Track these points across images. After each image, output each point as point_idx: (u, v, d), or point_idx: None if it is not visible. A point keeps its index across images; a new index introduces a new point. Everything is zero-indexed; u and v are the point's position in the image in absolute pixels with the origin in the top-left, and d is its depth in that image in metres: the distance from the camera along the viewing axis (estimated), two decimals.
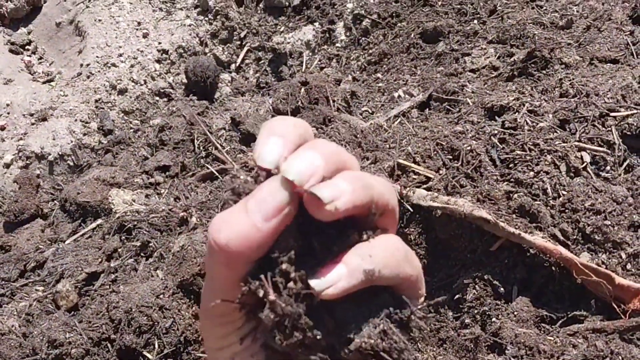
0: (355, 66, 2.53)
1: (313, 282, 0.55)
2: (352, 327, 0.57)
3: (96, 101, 2.57)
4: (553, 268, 1.46)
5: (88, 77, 2.64)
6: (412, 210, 1.57)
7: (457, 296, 1.54)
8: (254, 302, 0.58)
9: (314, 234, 0.58)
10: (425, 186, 1.65)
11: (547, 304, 1.46)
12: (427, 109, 2.04)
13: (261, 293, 0.56)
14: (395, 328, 0.58)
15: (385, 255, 0.58)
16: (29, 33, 2.88)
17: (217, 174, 2.09)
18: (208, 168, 2.15)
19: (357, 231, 0.59)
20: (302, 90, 2.25)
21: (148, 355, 1.65)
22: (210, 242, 0.56)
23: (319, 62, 2.62)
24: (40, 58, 2.83)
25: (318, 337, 0.56)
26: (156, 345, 1.65)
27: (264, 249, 0.56)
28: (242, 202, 0.57)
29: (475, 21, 2.33)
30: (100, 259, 1.94)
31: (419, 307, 0.62)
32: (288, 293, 0.55)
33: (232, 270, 0.57)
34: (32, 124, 2.53)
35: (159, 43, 2.73)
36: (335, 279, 0.55)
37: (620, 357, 1.33)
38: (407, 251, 0.61)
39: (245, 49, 2.73)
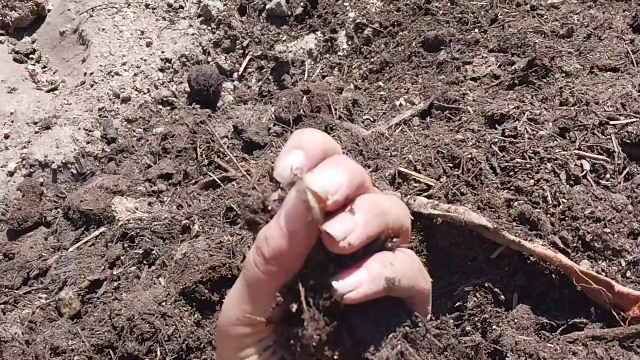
0: (357, 75, 2.54)
1: (336, 284, 0.55)
2: (369, 347, 0.57)
3: (99, 110, 2.59)
4: (553, 275, 1.46)
5: (92, 85, 2.66)
6: (412, 218, 1.58)
7: (457, 304, 1.54)
8: (280, 316, 0.59)
9: None
10: (426, 194, 1.66)
11: (547, 311, 1.46)
12: (429, 117, 2.05)
13: (294, 308, 0.57)
14: (412, 347, 0.58)
15: (404, 265, 0.59)
16: (33, 42, 2.90)
17: (219, 182, 2.10)
18: (210, 176, 2.16)
19: (384, 239, 0.60)
20: (304, 98, 2.26)
21: None
22: (259, 253, 0.58)
23: (321, 71, 2.63)
24: (44, 67, 2.84)
25: (335, 357, 0.56)
26: (158, 353, 1.66)
27: (303, 258, 0.57)
28: (276, 217, 0.58)
29: (477, 30, 2.35)
30: (103, 267, 1.95)
31: (433, 325, 0.62)
32: (317, 309, 0.56)
33: (276, 282, 0.58)
34: (36, 132, 2.54)
35: (162, 52, 2.75)
36: (357, 283, 0.55)
37: None
38: (421, 265, 0.62)
39: (248, 57, 2.74)
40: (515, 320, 1.43)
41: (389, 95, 2.29)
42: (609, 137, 1.64)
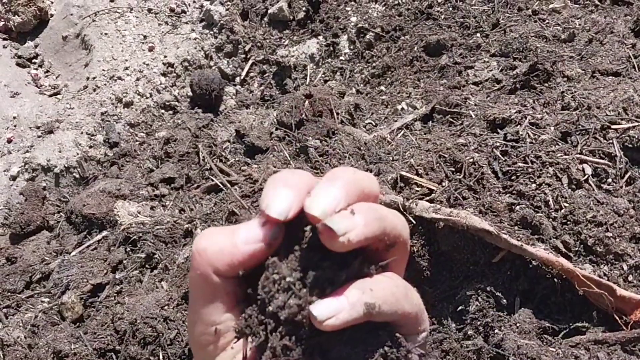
0: (359, 79, 2.55)
1: (315, 312, 0.55)
2: None
3: (102, 114, 2.59)
4: (555, 280, 1.46)
5: (94, 90, 2.66)
6: (414, 222, 1.58)
7: (459, 308, 1.54)
8: (248, 331, 0.59)
9: (319, 263, 0.58)
10: (427, 198, 1.66)
11: (549, 315, 1.46)
12: (430, 122, 2.06)
13: (259, 331, 0.57)
14: None
15: (385, 291, 0.59)
16: (35, 46, 2.91)
17: (221, 186, 2.11)
18: (213, 180, 2.16)
19: (361, 263, 0.60)
20: (306, 103, 2.26)
21: None
22: (192, 249, 0.60)
23: (323, 75, 2.64)
24: (47, 71, 2.85)
25: None
26: (161, 357, 1.66)
27: (236, 269, 0.59)
28: (234, 226, 0.60)
29: (478, 34, 2.35)
30: (105, 271, 1.96)
31: (418, 344, 0.61)
32: (286, 329, 0.56)
33: (204, 281, 0.59)
34: (39, 136, 2.55)
35: (165, 56, 2.75)
36: (337, 310, 0.55)
37: None
38: (407, 289, 0.62)
39: (250, 62, 2.75)
40: (518, 324, 1.44)
41: (391, 99, 2.29)
42: (611, 141, 1.64)
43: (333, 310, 0.55)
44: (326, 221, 0.56)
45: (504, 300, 1.48)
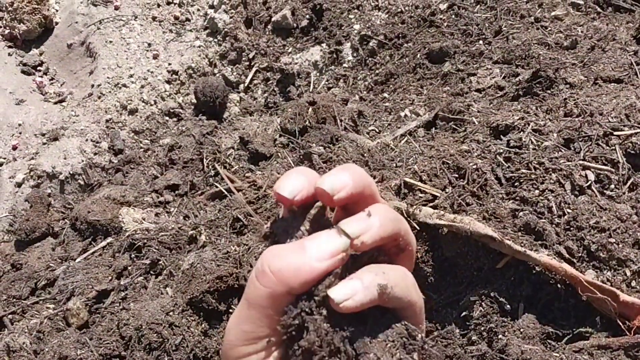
0: (362, 86, 2.56)
1: (332, 294, 0.58)
2: (370, 357, 0.59)
3: (107, 121, 2.61)
4: (558, 285, 1.47)
5: (99, 97, 2.68)
6: (418, 228, 1.59)
7: (463, 313, 1.55)
8: (281, 333, 0.61)
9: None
10: (431, 204, 1.67)
11: (552, 320, 1.47)
12: (433, 128, 2.06)
13: (297, 324, 0.59)
14: (411, 358, 0.61)
15: (396, 276, 0.62)
16: (40, 54, 2.93)
17: (226, 193, 2.12)
18: (217, 187, 2.17)
19: (375, 251, 0.63)
20: (310, 110, 2.27)
21: None
22: (261, 267, 0.61)
23: (327, 82, 2.65)
24: (52, 79, 2.87)
25: None
26: None
27: (310, 286, 0.60)
28: (299, 242, 0.63)
29: (481, 42, 2.36)
30: (110, 277, 1.96)
31: (430, 338, 0.65)
32: (317, 324, 0.59)
33: (273, 299, 0.61)
34: (44, 143, 2.56)
35: (169, 64, 2.77)
36: (353, 292, 0.58)
37: None
38: (414, 281, 0.66)
39: (254, 69, 2.76)
40: (521, 330, 1.44)
41: (394, 106, 2.30)
42: (614, 147, 1.65)
43: (349, 292, 0.58)
44: (341, 225, 0.60)
45: (508, 306, 1.49)
